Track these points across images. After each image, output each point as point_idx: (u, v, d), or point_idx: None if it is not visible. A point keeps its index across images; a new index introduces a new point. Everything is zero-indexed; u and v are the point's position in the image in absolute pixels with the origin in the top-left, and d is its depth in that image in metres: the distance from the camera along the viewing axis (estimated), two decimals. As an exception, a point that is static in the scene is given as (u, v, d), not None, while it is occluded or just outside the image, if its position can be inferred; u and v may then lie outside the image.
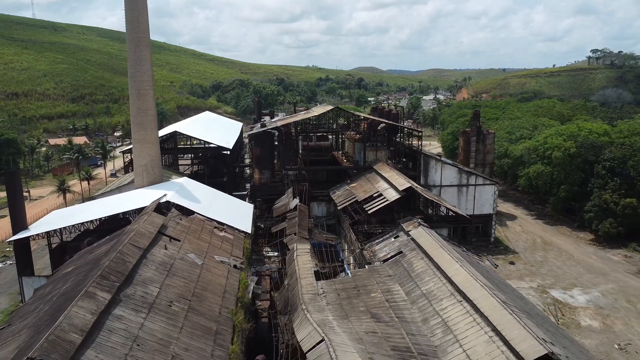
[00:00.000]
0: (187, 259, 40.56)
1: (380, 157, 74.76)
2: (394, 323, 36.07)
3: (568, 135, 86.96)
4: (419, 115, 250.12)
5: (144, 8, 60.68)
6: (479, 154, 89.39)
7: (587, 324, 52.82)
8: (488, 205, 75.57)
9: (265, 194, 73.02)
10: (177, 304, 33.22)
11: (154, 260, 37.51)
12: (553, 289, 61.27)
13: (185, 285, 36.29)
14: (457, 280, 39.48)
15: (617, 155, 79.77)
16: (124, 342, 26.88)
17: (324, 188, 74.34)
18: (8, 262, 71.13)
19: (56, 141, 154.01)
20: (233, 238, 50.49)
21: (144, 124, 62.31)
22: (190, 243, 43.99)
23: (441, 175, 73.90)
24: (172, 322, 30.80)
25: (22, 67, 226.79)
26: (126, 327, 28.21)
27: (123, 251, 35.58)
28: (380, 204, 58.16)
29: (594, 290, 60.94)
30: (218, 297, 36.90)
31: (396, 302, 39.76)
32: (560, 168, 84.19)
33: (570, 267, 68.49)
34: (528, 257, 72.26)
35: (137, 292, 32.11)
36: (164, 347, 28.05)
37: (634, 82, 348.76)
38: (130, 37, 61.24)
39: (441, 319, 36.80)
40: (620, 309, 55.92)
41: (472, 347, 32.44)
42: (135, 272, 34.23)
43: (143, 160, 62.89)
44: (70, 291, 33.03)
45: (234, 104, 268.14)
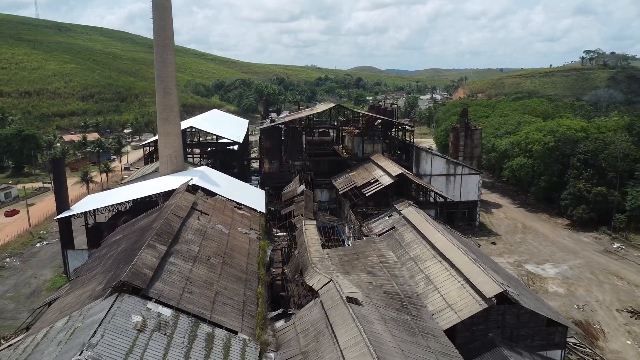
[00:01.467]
0: (216, 228, 49.13)
1: (377, 149, 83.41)
2: (386, 277, 44.68)
3: (547, 131, 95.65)
4: (416, 114, 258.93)
5: (169, 18, 69.10)
6: (467, 148, 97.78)
7: (554, 290, 61.52)
8: (473, 192, 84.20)
9: (274, 181, 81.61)
10: (213, 259, 41.79)
11: (191, 227, 46.06)
12: (527, 263, 69.99)
13: (218, 246, 44.86)
14: (439, 245, 48.18)
15: (590, 149, 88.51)
16: (179, 279, 35.46)
17: (326, 177, 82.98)
18: (44, 242, 79.57)
19: (71, 137, 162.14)
20: (250, 216, 59.08)
21: (170, 119, 70.69)
22: (216, 217, 52.56)
23: (431, 165, 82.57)
24: (212, 270, 39.38)
25: (33, 66, 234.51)
26: (180, 270, 36.79)
27: (168, 218, 44.15)
28: (376, 188, 66.80)
29: (564, 264, 69.66)
30: (244, 257, 45.48)
31: (388, 263, 48.38)
32: (540, 160, 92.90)
33: (545, 246, 77.21)
34: (509, 238, 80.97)
35: (183, 248, 40.68)
36: (209, 285, 36.64)
37: (625, 82, 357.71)
38: (157, 42, 69.60)
39: (424, 274, 45.49)
40: (583, 279, 64.62)
41: (448, 292, 41.15)
42: (179, 235, 42.77)
43: (168, 151, 71.32)
44: (129, 248, 41.55)
45: (237, 102, 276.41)
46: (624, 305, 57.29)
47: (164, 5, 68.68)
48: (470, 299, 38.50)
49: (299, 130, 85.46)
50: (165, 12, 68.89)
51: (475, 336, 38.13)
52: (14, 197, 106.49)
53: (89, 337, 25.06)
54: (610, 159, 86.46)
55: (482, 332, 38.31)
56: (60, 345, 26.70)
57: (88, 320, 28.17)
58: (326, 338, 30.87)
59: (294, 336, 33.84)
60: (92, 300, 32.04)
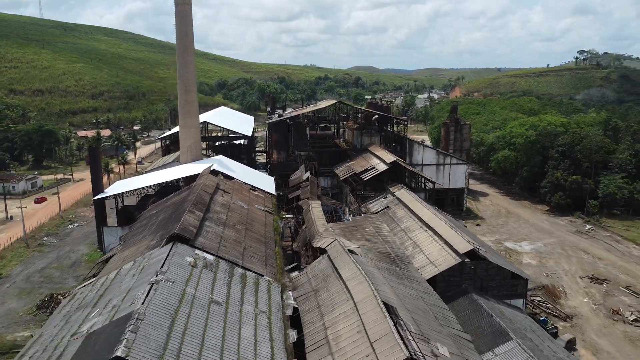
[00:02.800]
0: (237, 204, 58.14)
1: (374, 141, 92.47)
2: (380, 242, 53.75)
3: (530, 126, 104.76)
4: (413, 112, 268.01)
5: (190, 23, 77.99)
6: (457, 141, 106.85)
7: (527, 262, 70.61)
8: (460, 180, 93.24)
9: (282, 170, 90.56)
10: (238, 225, 50.82)
11: (217, 202, 55.06)
12: (507, 241, 79.06)
13: (240, 217, 53.88)
14: (425, 218, 57.32)
15: (567, 142, 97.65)
16: (215, 237, 44.47)
17: (328, 167, 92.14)
18: (75, 224, 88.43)
19: (85, 133, 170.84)
20: (263, 196, 68.09)
21: (190, 113, 79.61)
22: (236, 195, 61.57)
23: (422, 156, 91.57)
24: (238, 233, 48.40)
25: (43, 65, 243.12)
26: (214, 231, 45.80)
27: (200, 193, 53.15)
28: (373, 173, 75.90)
29: (538, 242, 78.76)
30: (262, 226, 54.51)
31: (382, 233, 57.44)
32: (523, 153, 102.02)
33: (524, 228, 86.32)
34: (492, 221, 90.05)
35: (214, 216, 49.68)
36: (237, 243, 45.66)
37: (618, 82, 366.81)
38: (179, 45, 78.52)
39: (412, 241, 54.64)
40: (554, 254, 73.71)
41: (430, 253, 50.28)
42: (210, 206, 51.75)
43: (188, 142, 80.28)
44: (169, 217, 50.54)
45: (240, 101, 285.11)
46: (586, 273, 66.40)
47: (185, 12, 77.59)
48: (448, 256, 47.64)
49: (303, 124, 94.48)
50: (187, 19, 77.79)
51: (452, 286, 47.17)
52: (39, 187, 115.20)
53: (159, 268, 34.00)
54: (585, 150, 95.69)
55: (458, 282, 47.38)
56: (134, 277, 35.71)
57: (153, 260, 37.19)
58: (332, 278, 39.92)
59: (306, 281, 42.87)
60: (150, 250, 41.03)
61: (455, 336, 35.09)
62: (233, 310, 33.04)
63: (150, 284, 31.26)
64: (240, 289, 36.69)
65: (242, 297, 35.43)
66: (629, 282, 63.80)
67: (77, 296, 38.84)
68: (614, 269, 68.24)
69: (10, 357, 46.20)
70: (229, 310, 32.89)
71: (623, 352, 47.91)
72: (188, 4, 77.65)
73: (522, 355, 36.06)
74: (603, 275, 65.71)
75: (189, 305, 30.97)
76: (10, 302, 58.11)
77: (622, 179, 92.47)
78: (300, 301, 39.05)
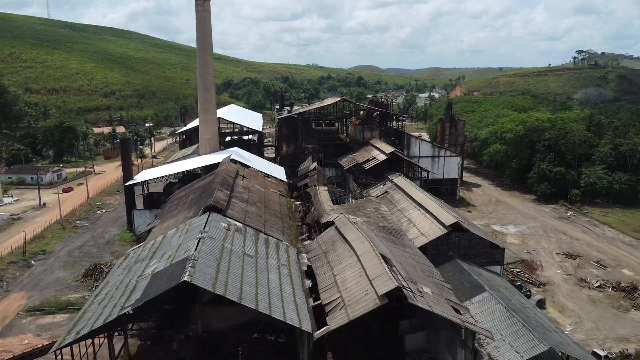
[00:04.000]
0: (255, 187, 66.88)
1: (375, 135, 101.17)
2: (379, 219, 62.33)
3: (519, 122, 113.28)
4: (413, 111, 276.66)
5: (209, 27, 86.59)
6: (452, 136, 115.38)
7: (511, 241, 79.12)
8: (454, 171, 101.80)
9: (291, 161, 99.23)
10: (258, 203, 59.55)
11: (239, 185, 63.79)
12: (494, 225, 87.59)
13: (259, 197, 62.62)
14: (419, 199, 65.92)
15: (552, 136, 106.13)
16: (241, 211, 53.17)
17: (333, 159, 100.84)
18: (103, 210, 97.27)
19: (102, 129, 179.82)
20: (277, 182, 76.87)
21: (208, 109, 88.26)
22: (254, 180, 70.30)
23: (419, 148, 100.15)
24: (259, 209, 57.13)
25: (57, 65, 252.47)
26: (239, 206, 54.52)
27: (224, 177, 61.90)
28: (373, 163, 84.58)
29: (523, 226, 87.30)
30: (277, 206, 63.24)
31: (381, 212, 66.02)
32: (512, 146, 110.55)
33: (511, 214, 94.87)
34: (482, 209, 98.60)
35: (237, 195, 58.41)
36: (259, 217, 54.37)
37: (615, 82, 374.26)
38: (199, 47, 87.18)
39: (407, 218, 63.27)
40: (536, 235, 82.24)
41: (422, 227, 58.89)
42: (233, 187, 60.46)
43: (207, 135, 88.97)
44: (199, 196, 59.23)
45: (246, 99, 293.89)
46: (563, 250, 74.94)
47: (205, 18, 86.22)
48: (436, 228, 56.28)
49: (310, 120, 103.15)
50: (206, 24, 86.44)
51: (439, 254, 55.67)
52: (64, 178, 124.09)
53: (202, 229, 42.72)
54: (568, 144, 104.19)
55: (444, 250, 55.94)
56: (181, 237, 44.45)
57: (194, 225, 45.93)
58: (339, 242, 48.61)
59: (317, 246, 51.56)
60: (189, 219, 49.74)
61: (439, 284, 43.72)
62: (261, 262, 41.76)
63: (198, 239, 40.00)
64: (265, 248, 45.41)
65: (267, 254, 44.16)
66: (599, 257, 72.29)
67: (130, 255, 47.58)
68: (588, 247, 76.77)
69: (68, 312, 55.12)
70: (258, 261, 41.60)
71: (585, 310, 56.44)
72: (207, 11, 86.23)
73: (493, 302, 44.61)
74: (577, 252, 74.25)
75: (228, 255, 39.69)
76: (58, 272, 66.92)
77: (603, 170, 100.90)
78: (313, 260, 47.73)
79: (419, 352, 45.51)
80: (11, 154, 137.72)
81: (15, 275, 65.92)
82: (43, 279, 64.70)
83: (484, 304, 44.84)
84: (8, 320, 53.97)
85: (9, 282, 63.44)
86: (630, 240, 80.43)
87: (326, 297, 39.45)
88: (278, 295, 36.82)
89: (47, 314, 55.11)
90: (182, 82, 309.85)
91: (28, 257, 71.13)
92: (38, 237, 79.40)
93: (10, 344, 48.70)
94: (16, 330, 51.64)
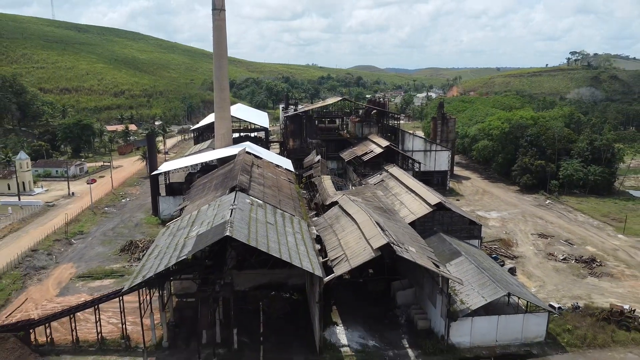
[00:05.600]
0: (268, 175, 77.25)
1: (372, 131, 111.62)
2: (375, 201, 72.71)
3: (505, 120, 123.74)
4: (410, 110, 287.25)
5: (224, 35, 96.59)
6: (444, 133, 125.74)
7: (492, 224, 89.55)
8: (444, 164, 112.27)
9: (296, 155, 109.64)
10: (273, 187, 69.94)
11: (255, 172, 74.15)
12: (479, 211, 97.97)
13: (273, 182, 73.02)
14: (410, 185, 76.39)
15: (534, 132, 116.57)
16: (259, 192, 63.52)
17: (335, 153, 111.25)
18: (127, 199, 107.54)
19: (115, 127, 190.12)
20: (286, 172, 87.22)
21: (224, 107, 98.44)
22: (266, 169, 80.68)
23: (412, 143, 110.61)
24: (274, 192, 67.52)
25: (67, 66, 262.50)
26: (258, 189, 64.89)
27: (243, 165, 72.27)
28: (370, 155, 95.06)
29: (504, 212, 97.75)
30: (288, 190, 73.64)
31: (378, 196, 76.38)
32: (498, 142, 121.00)
33: (495, 202, 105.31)
34: (470, 198, 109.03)
35: (255, 180, 68.78)
36: (274, 197, 64.76)
37: (607, 82, 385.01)
38: (216, 52, 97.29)
39: (399, 201, 73.73)
40: (515, 219, 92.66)
41: (411, 207, 69.37)
42: (251, 174, 70.79)
43: (222, 130, 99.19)
44: (222, 181, 69.55)
45: (250, 99, 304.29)
46: (537, 232, 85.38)
47: (221, 27, 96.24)
48: (423, 207, 66.74)
49: (313, 117, 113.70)
50: (221, 32, 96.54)
51: (426, 229, 66.07)
52: (86, 172, 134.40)
53: (232, 203, 53.05)
54: (548, 140, 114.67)
55: (430, 226, 66.36)
56: (215, 210, 54.80)
57: (224, 201, 56.30)
58: (342, 216, 59.03)
59: (323, 221, 61.99)
60: (218, 197, 60.09)
61: (422, 247, 54.14)
62: (280, 228, 52.16)
63: (231, 209, 50.38)
64: (282, 220, 55.82)
65: (284, 223, 54.58)
66: (568, 237, 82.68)
67: (171, 226, 57.90)
68: (560, 229, 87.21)
69: (113, 278, 65.47)
70: (278, 228, 52.00)
71: (549, 277, 66.84)
72: (223, 20, 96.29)
73: (467, 263, 55.05)
74: (549, 233, 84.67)
75: (255, 222, 50.09)
76: (97, 248, 77.26)
77: (579, 163, 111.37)
78: (320, 231, 58.17)
79: (407, 305, 56.12)
80: (33, 150, 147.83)
81: (60, 250, 76.25)
82: (85, 253, 75.07)
83: (460, 265, 55.30)
84: (64, 284, 64.33)
85: (57, 256, 73.81)
86: (599, 223, 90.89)
87: (332, 255, 49.89)
88: (295, 251, 47.21)
89: (95, 279, 65.47)
90: (186, 82, 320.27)
91: (69, 236, 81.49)
92: (74, 220, 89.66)
93: (70, 301, 58.92)
94: (72, 292, 61.95)
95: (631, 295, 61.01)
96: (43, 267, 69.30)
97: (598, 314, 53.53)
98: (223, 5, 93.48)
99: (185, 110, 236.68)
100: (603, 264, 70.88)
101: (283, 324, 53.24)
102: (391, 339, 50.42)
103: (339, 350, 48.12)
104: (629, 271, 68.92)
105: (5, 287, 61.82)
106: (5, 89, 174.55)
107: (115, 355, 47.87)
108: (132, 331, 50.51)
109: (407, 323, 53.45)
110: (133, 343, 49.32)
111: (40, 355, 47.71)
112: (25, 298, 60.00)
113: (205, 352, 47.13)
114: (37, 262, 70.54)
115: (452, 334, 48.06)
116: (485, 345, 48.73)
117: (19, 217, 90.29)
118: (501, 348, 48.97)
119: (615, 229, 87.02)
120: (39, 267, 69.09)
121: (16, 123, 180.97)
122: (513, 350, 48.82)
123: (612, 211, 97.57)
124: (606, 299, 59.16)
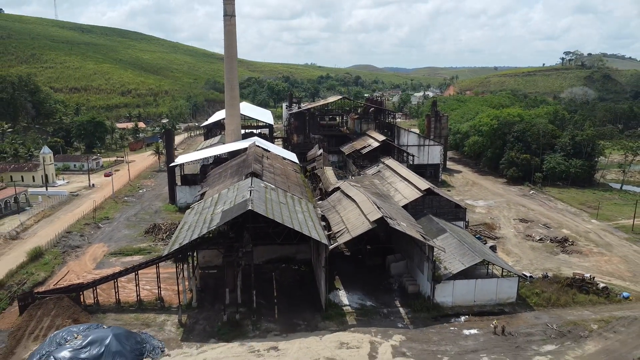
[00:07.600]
0: (277, 165, 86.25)
1: (370, 127, 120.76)
2: (373, 188, 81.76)
3: (494, 117, 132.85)
4: (407, 109, 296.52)
5: (235, 39, 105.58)
6: (437, 129, 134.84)
7: (479, 211, 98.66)
8: (437, 158, 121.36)
9: (300, 149, 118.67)
10: (282, 175, 78.93)
11: (265, 162, 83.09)
12: (468, 200, 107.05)
13: (282, 171, 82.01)
14: (403, 174, 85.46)
15: (521, 129, 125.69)
16: (271, 178, 72.41)
17: (335, 147, 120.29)
18: (144, 189, 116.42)
19: (125, 125, 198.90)
20: (291, 163, 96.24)
21: (234, 105, 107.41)
22: (274, 161, 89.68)
23: (407, 138, 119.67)
24: (283, 179, 76.50)
25: (75, 66, 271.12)
26: (270, 176, 73.82)
27: (255, 155, 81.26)
28: (368, 149, 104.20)
29: (491, 200, 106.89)
30: (295, 178, 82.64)
31: (375, 184, 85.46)
32: (488, 138, 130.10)
33: (483, 192, 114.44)
34: (460, 189, 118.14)
35: (266, 168, 77.75)
36: (284, 183, 73.74)
37: (600, 82, 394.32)
38: (227, 55, 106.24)
39: (394, 188, 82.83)
40: (500, 207, 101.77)
41: (404, 192, 78.45)
42: (262, 163, 79.74)
43: (232, 127, 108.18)
44: (236, 170, 78.47)
45: (251, 98, 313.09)
46: (519, 217, 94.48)
47: (231, 31, 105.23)
48: (414, 192, 75.79)
49: (315, 115, 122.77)
50: (232, 36, 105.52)
51: (417, 211, 74.98)
52: (101, 166, 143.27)
53: (250, 186, 62.02)
54: (533, 135, 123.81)
55: (421, 209, 75.33)
56: (234, 192, 63.77)
57: (242, 185, 65.27)
58: (343, 198, 68.07)
59: (327, 204, 71.02)
60: (234, 183, 69.03)
61: (413, 224, 63.19)
62: (291, 207, 61.17)
63: (249, 190, 59.39)
64: (292, 201, 64.84)
65: (294, 203, 63.61)
66: (546, 222, 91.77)
67: (195, 207, 66.84)
68: (540, 215, 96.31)
69: (141, 254, 74.35)
70: (289, 207, 61.01)
71: (525, 254, 75.88)
72: (233, 25, 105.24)
73: (451, 238, 64.03)
74: (530, 218, 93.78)
75: (270, 202, 59.09)
76: (124, 230, 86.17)
77: (562, 157, 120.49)
78: (324, 211, 67.23)
79: (400, 275, 65.17)
80: (50, 146, 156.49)
81: (91, 233, 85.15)
82: (114, 235, 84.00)
83: (445, 239, 64.31)
84: (99, 260, 73.22)
85: (88, 237, 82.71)
86: (576, 210, 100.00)
87: (335, 229, 58.92)
88: (305, 224, 56.23)
89: (126, 255, 74.35)
90: (189, 81, 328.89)
91: (97, 221, 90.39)
92: (98, 208, 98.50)
93: (107, 273, 67.84)
94: (107, 266, 70.76)
95: (595, 268, 70.12)
96: (78, 246, 78.22)
97: (563, 281, 62.62)
98: (233, 11, 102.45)
99: (191, 109, 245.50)
100: (575, 244, 79.96)
101: (293, 290, 62.27)
102: (385, 300, 59.49)
103: (341, 308, 57.15)
104: (596, 249, 78.04)
105: (49, 261, 70.69)
106: (21, 88, 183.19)
107: (153, 313, 56.75)
108: (164, 295, 59.50)
109: (400, 289, 62.47)
110: (167, 304, 58.27)
111: (89, 314, 56.62)
112: (67, 270, 68.91)
113: (229, 310, 56.11)
114: (72, 241, 79.53)
115: (437, 294, 57.07)
116: (465, 305, 57.70)
117: (49, 205, 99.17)
118: (478, 307, 57.94)
119: (590, 215, 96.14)
120: (74, 246, 78.03)
121: (30, 120, 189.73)
122: (488, 308, 57.82)
123: (589, 200, 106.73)
124: (573, 271, 68.25)
